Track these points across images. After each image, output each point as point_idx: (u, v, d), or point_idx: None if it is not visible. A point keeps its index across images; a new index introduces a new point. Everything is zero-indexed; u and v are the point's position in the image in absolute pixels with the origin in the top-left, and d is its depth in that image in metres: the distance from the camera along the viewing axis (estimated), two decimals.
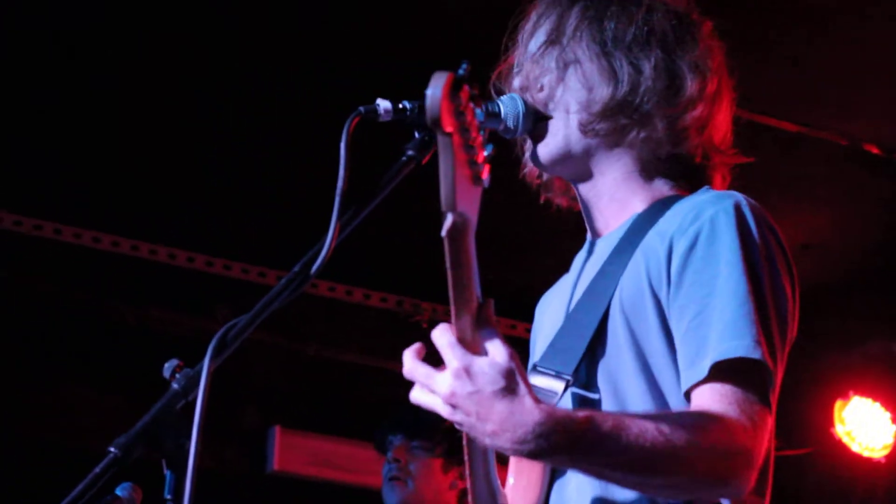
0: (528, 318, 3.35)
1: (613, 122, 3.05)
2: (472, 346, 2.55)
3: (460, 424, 2.55)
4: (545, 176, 3.26)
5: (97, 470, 2.56)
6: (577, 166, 3.13)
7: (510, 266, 7.07)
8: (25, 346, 7.21)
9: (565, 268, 3.29)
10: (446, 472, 6.14)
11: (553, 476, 2.95)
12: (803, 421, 8.01)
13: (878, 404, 8.04)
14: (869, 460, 7.98)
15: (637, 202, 3.10)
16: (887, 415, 8.03)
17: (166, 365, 2.64)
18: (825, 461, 8.08)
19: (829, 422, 8.02)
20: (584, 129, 3.07)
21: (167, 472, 2.57)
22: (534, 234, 6.43)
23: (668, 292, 2.85)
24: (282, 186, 6.81)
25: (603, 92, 3.05)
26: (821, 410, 8.03)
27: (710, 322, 2.77)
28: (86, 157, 6.66)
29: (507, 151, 3.15)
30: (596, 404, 2.89)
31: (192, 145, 6.57)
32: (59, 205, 7.04)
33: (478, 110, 2.60)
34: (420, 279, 7.24)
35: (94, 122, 6.41)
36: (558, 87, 3.10)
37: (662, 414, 2.78)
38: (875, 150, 6.57)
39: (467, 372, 2.52)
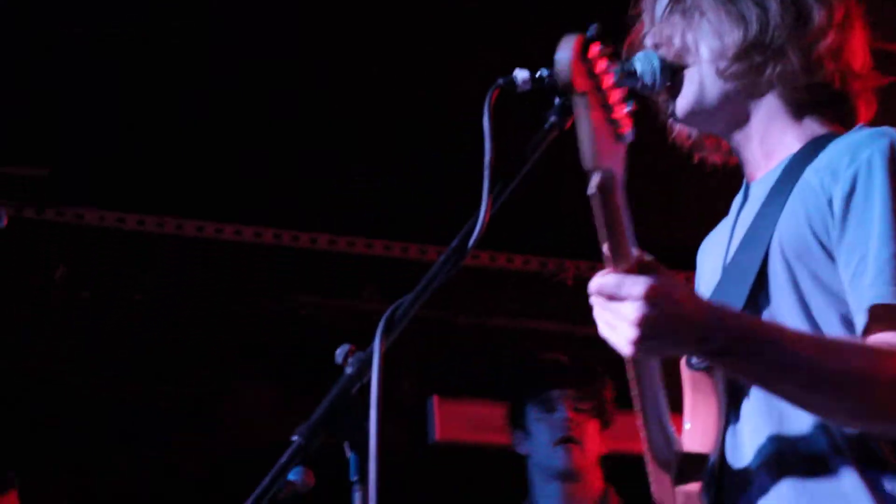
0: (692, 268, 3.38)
1: (748, 62, 3.10)
2: None
3: (649, 327, 2.56)
4: (694, 134, 3.30)
5: (283, 459, 2.63)
6: (719, 114, 3.17)
7: (671, 220, 6.98)
8: (187, 346, 7.32)
9: (724, 212, 3.33)
10: (600, 436, 5.99)
11: (728, 420, 2.98)
12: None
13: None
14: None
15: (790, 141, 3.14)
16: None
17: (338, 351, 2.71)
18: None
19: None
20: (721, 74, 3.11)
21: (350, 455, 2.63)
22: (687, 184, 6.36)
23: (830, 236, 2.88)
24: (414, 161, 6.85)
25: (734, 36, 3.10)
26: None
27: (866, 269, 2.79)
28: (226, 154, 6.76)
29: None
30: None
31: (328, 132, 6.64)
32: (197, 201, 7.16)
33: (613, 68, 2.63)
34: (561, 237, 7.23)
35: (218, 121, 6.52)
36: (689, 38, 3.15)
37: (838, 338, 2.83)
38: None
39: (654, 288, 2.55)
